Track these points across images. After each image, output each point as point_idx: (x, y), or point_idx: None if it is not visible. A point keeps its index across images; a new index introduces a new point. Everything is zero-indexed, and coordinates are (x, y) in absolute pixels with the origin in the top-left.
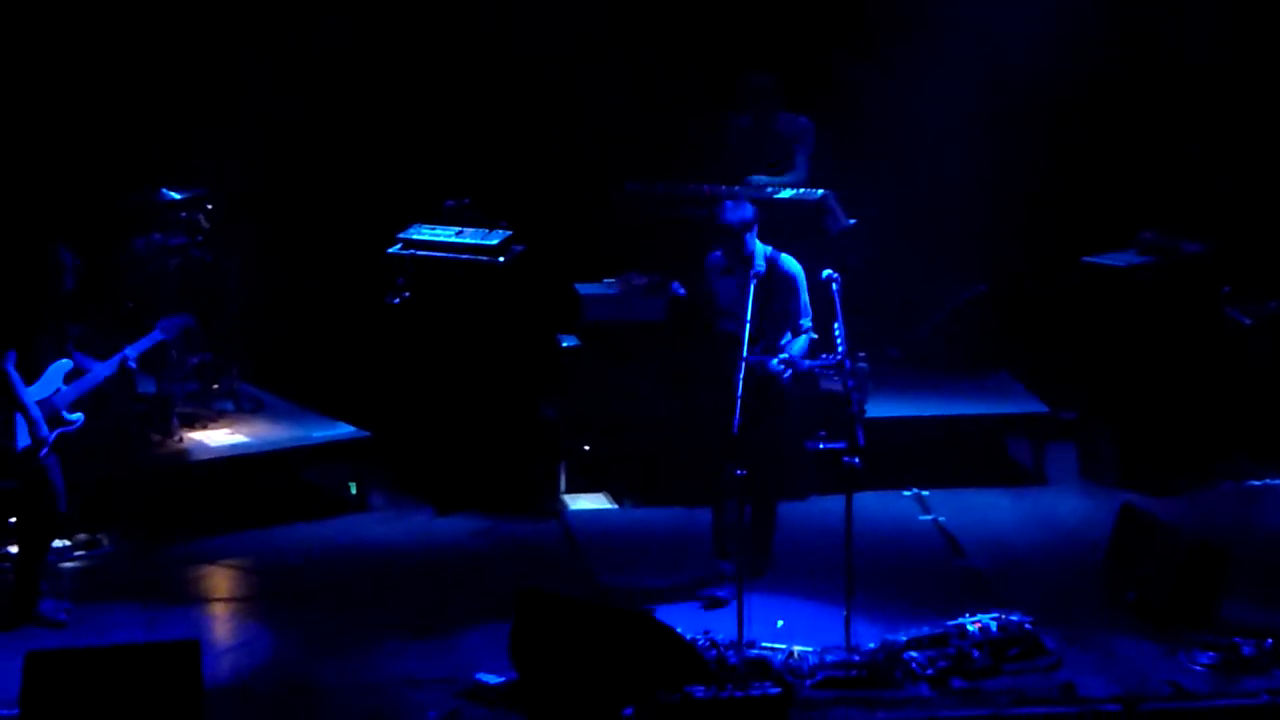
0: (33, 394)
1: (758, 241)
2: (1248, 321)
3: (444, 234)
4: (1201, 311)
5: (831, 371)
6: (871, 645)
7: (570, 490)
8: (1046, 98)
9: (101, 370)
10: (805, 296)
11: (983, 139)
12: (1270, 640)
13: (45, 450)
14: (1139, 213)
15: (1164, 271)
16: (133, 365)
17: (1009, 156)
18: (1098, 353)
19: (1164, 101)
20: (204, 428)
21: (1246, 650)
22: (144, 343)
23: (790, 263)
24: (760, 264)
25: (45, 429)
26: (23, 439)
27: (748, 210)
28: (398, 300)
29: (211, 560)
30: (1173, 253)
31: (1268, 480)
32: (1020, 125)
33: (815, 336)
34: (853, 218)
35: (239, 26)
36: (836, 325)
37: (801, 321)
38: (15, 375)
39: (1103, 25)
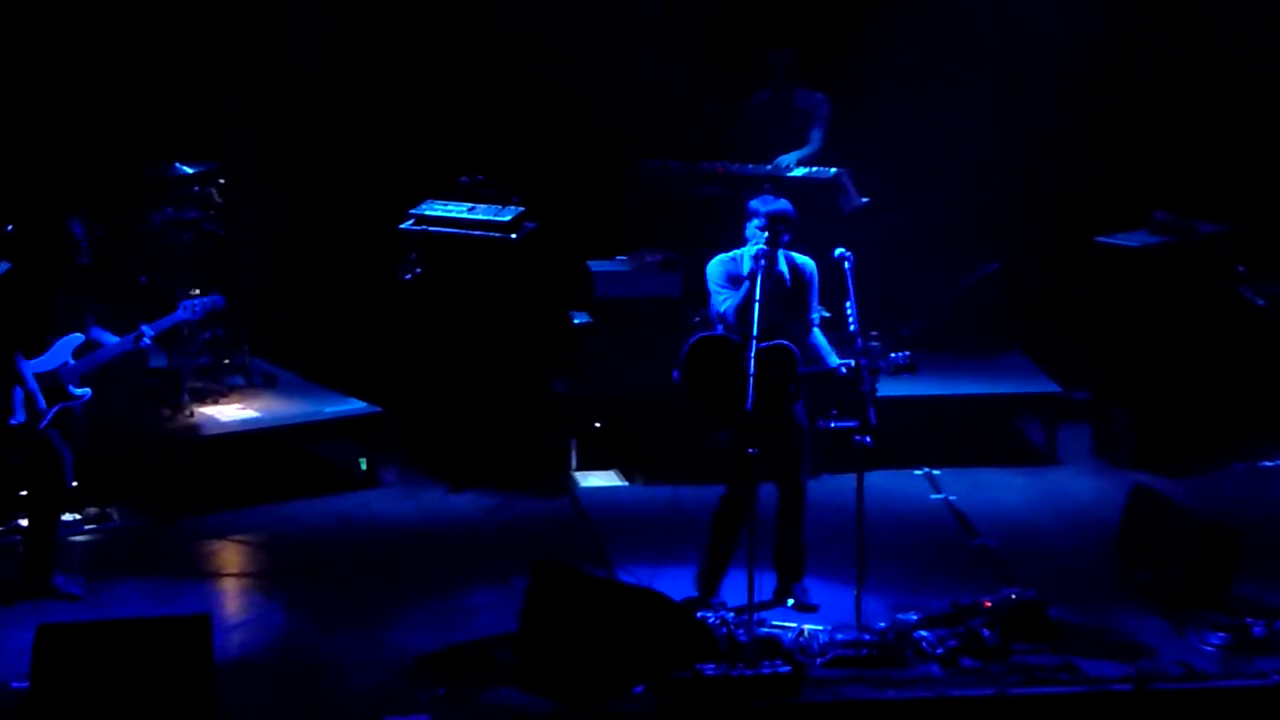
0: (38, 366)
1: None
2: (1261, 302)
3: (457, 210)
4: (1215, 292)
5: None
6: (882, 624)
7: (581, 467)
8: (1062, 75)
9: (115, 346)
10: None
11: (997, 116)
12: None
13: (44, 423)
14: (1154, 192)
15: (1178, 252)
16: (148, 343)
17: (1024, 134)
18: (1111, 333)
19: (1179, 79)
20: (215, 402)
21: (1257, 631)
22: (165, 321)
23: (807, 261)
24: (784, 266)
25: (43, 402)
26: (21, 413)
27: (786, 203)
28: (410, 276)
29: (222, 535)
30: (1187, 233)
31: (1279, 461)
32: (1035, 102)
33: (871, 344)
34: (866, 196)
35: (251, 1)
36: (849, 304)
37: (812, 315)
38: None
39: (1118, 3)
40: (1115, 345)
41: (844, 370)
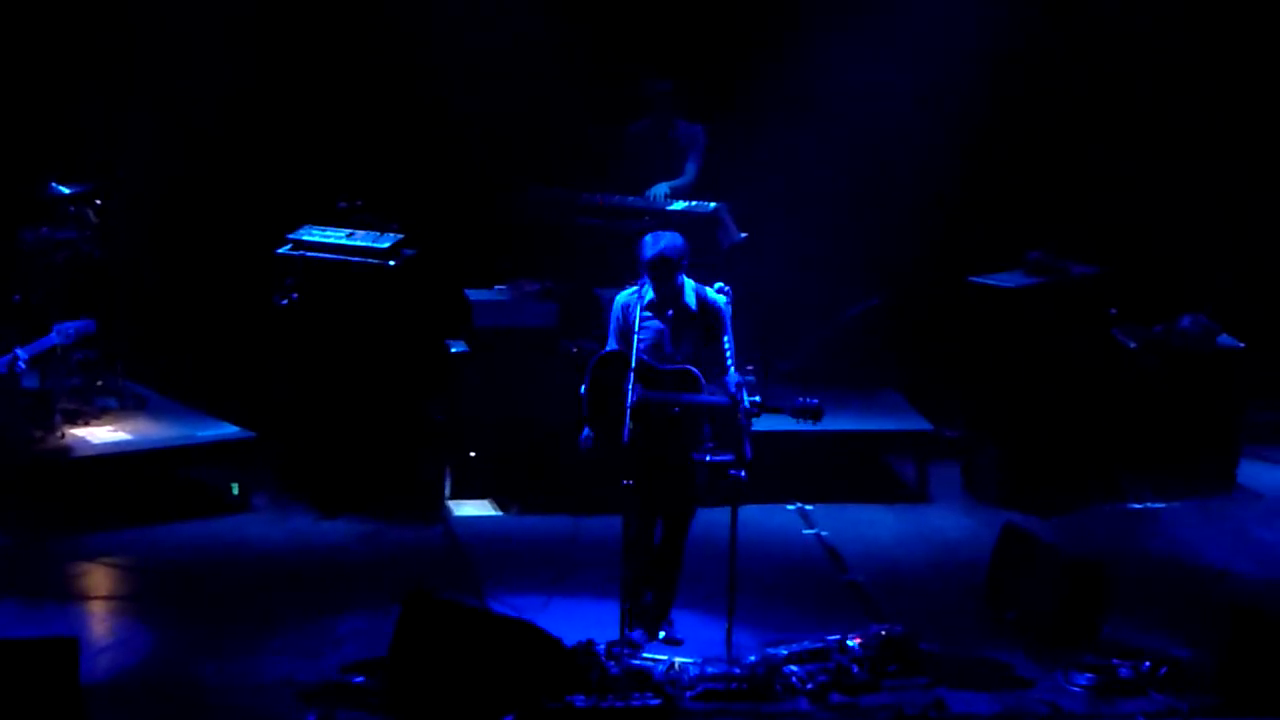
0: None
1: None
2: (1133, 344)
3: (334, 236)
4: (1087, 334)
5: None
6: (752, 658)
7: (455, 496)
8: (940, 116)
9: None
10: (730, 330)
11: (874, 154)
12: (1147, 662)
13: None
14: (1029, 232)
15: (1051, 293)
16: (22, 367)
17: (901, 173)
18: (984, 372)
19: (1056, 123)
20: (86, 424)
21: (1123, 672)
22: (38, 345)
23: (717, 298)
24: (691, 300)
25: None
26: None
27: (678, 241)
28: (286, 301)
29: (92, 558)
30: (1060, 274)
31: (1146, 503)
32: (912, 142)
33: (747, 378)
34: (744, 231)
35: (132, 21)
36: (726, 338)
37: (728, 359)
38: None
39: (1000, 43)
40: (987, 384)
41: (724, 401)
